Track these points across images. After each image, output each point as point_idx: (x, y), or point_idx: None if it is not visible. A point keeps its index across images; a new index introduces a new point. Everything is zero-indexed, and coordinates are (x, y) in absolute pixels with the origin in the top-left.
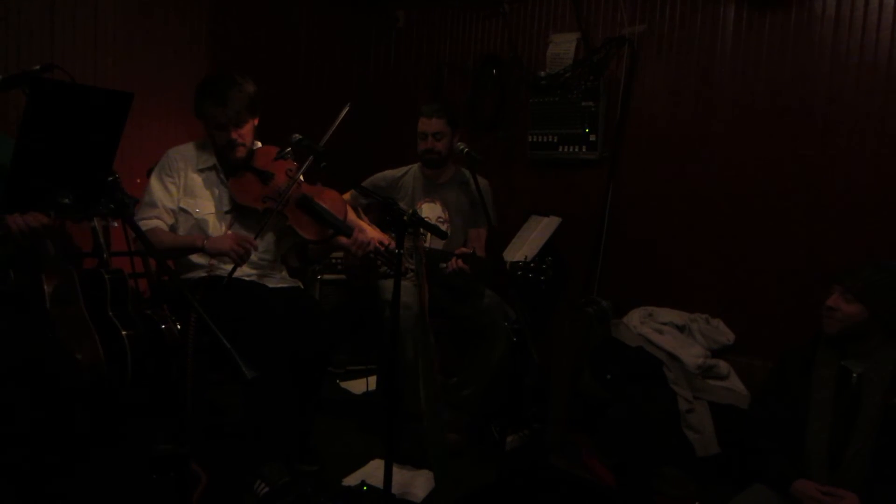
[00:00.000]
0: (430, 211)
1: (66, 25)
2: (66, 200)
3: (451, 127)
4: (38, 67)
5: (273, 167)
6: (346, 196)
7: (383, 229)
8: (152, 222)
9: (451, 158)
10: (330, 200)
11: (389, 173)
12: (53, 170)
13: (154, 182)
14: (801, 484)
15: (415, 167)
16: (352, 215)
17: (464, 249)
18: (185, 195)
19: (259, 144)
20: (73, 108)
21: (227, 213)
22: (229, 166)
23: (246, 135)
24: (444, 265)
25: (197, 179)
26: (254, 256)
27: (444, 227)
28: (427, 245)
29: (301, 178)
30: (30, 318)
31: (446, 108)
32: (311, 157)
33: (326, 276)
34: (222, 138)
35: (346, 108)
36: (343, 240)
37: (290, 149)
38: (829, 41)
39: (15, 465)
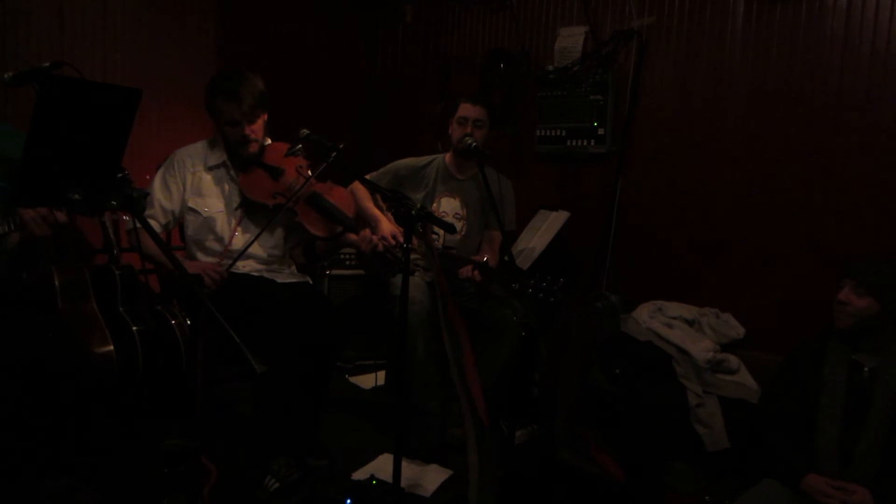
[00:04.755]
0: (449, 206)
1: (75, 23)
2: (76, 196)
3: (490, 120)
4: (47, 64)
5: (283, 163)
6: (355, 185)
7: (397, 221)
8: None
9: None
10: (339, 197)
11: (411, 161)
12: (63, 166)
13: (156, 181)
14: (812, 479)
15: (439, 158)
16: (369, 202)
17: (476, 258)
18: (193, 194)
19: (269, 141)
20: (82, 105)
21: (236, 209)
22: (241, 162)
23: (258, 130)
24: (460, 273)
25: (206, 177)
26: (263, 252)
27: (460, 225)
28: (440, 243)
29: (309, 173)
30: (41, 316)
31: (489, 100)
32: (325, 163)
33: (335, 272)
34: (235, 134)
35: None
36: (351, 236)
37: (300, 145)
38: (840, 33)
39: (25, 460)
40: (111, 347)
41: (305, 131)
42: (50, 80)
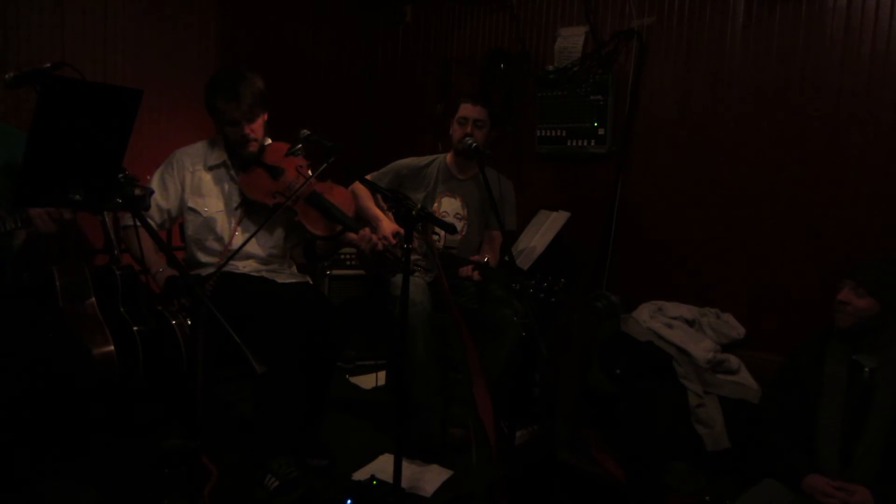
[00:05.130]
0: (449, 206)
1: (76, 23)
2: (77, 197)
3: (490, 120)
4: (48, 65)
5: (283, 163)
6: (356, 185)
7: (397, 221)
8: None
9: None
10: (339, 196)
11: (413, 161)
12: (64, 166)
13: (154, 180)
14: (813, 479)
15: (440, 158)
16: (370, 202)
17: (476, 258)
18: (192, 194)
19: (269, 141)
20: (83, 106)
21: (236, 208)
22: (240, 162)
23: (258, 129)
24: (460, 272)
25: (206, 177)
26: (262, 251)
27: (461, 225)
28: (441, 244)
29: (309, 172)
30: (42, 314)
31: (490, 101)
32: (325, 163)
33: (335, 272)
34: (235, 134)
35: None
36: (351, 236)
37: (300, 145)
38: (840, 32)
39: (25, 460)
40: (112, 347)
41: (306, 132)
42: (51, 80)
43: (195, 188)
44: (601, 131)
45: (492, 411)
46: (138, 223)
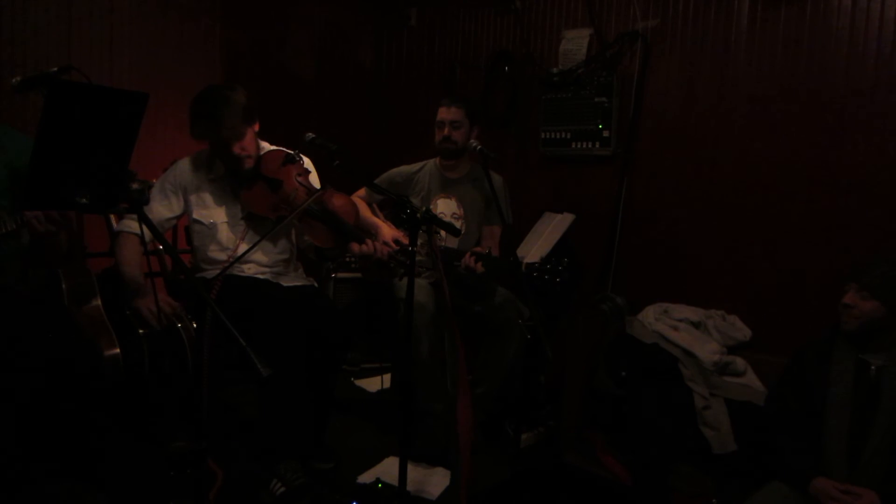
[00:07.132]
0: (446, 207)
1: (82, 27)
2: (84, 200)
3: (469, 119)
4: (55, 69)
5: (280, 173)
6: (361, 192)
7: (398, 226)
8: (134, 225)
9: (468, 154)
10: (341, 206)
11: (405, 169)
12: (71, 170)
13: (154, 190)
14: (820, 482)
15: (431, 163)
16: (367, 212)
17: (478, 249)
18: (196, 206)
19: (266, 146)
20: (89, 109)
21: (241, 219)
22: (240, 176)
23: (248, 145)
24: (458, 263)
25: (208, 189)
26: (267, 259)
27: (458, 224)
28: (443, 244)
29: (309, 180)
30: (49, 317)
31: (466, 100)
32: (321, 191)
33: (341, 275)
34: (225, 155)
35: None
36: (354, 246)
37: (294, 152)
38: (845, 33)
39: (31, 463)
40: (117, 350)
41: (310, 134)
42: (57, 84)
43: (198, 200)
44: (606, 133)
45: (472, 430)
46: (134, 229)
